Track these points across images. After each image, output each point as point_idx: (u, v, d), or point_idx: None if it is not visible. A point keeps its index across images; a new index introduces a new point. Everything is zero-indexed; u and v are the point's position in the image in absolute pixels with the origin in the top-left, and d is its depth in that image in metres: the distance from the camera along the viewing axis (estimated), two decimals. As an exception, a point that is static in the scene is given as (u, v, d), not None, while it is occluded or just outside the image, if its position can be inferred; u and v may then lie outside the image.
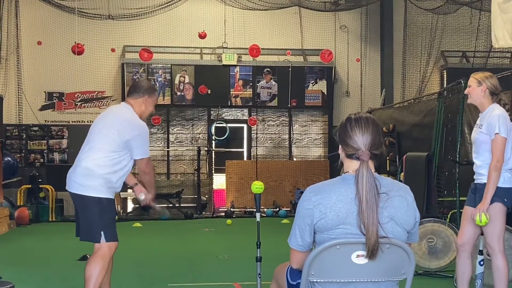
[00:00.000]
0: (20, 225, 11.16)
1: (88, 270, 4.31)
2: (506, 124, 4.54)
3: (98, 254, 4.36)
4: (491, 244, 4.56)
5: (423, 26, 14.60)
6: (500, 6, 7.01)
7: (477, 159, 4.75)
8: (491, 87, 4.66)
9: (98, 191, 4.43)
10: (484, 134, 4.66)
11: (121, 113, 4.62)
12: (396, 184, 2.68)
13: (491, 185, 4.46)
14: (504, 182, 4.54)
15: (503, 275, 4.52)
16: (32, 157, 14.33)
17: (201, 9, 14.61)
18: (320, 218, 2.53)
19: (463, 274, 4.73)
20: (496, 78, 4.76)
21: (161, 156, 14.85)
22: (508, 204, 4.58)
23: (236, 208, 13.63)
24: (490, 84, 4.66)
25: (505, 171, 4.56)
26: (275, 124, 15.21)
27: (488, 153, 4.58)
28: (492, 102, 4.67)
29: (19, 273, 6.70)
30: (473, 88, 4.73)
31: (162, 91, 14.48)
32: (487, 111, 4.66)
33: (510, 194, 4.57)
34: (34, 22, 14.15)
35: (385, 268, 2.55)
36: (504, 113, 4.60)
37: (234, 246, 9.02)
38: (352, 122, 2.64)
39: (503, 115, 4.57)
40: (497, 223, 4.50)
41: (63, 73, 14.06)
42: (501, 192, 4.49)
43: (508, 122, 4.58)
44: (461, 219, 4.89)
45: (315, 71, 14.93)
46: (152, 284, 6.26)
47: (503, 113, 4.58)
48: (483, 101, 4.71)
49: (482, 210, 4.44)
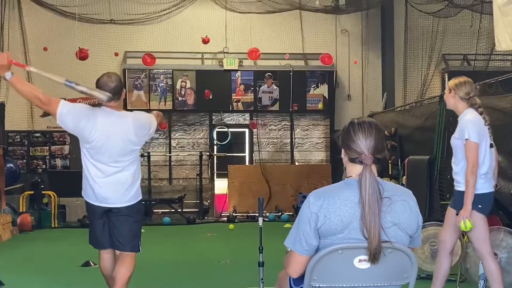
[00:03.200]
0: (22, 231, 11.16)
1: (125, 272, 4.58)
2: (477, 129, 4.59)
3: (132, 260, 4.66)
4: (478, 249, 4.69)
5: (424, 29, 14.60)
6: (501, 9, 7.02)
7: (454, 165, 4.82)
8: (461, 94, 4.74)
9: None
10: (456, 139, 4.74)
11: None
12: (399, 188, 2.68)
13: (470, 190, 4.52)
14: (477, 188, 4.59)
15: (496, 276, 4.61)
16: (34, 163, 14.34)
17: (202, 15, 14.62)
18: (324, 223, 2.53)
19: (440, 268, 4.88)
20: (471, 83, 4.84)
21: (163, 161, 14.85)
22: (483, 210, 4.63)
23: (238, 212, 13.62)
24: (460, 91, 4.75)
25: (479, 177, 4.61)
26: (277, 128, 15.21)
27: (464, 160, 4.64)
28: (467, 107, 4.73)
29: (21, 280, 6.70)
30: (446, 95, 4.88)
31: (163, 96, 14.50)
32: (460, 117, 4.75)
33: (484, 200, 4.63)
34: (38, 29, 14.17)
35: (388, 272, 2.54)
36: (475, 118, 4.65)
37: (237, 251, 9.01)
38: (355, 126, 2.64)
39: (473, 120, 4.62)
40: (477, 229, 4.60)
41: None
42: (475, 198, 4.54)
43: (479, 127, 4.62)
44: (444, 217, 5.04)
45: (317, 75, 14.94)
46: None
47: (473, 118, 4.63)
48: (457, 106, 4.80)
49: (466, 216, 4.53)
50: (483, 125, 4.65)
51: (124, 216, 4.58)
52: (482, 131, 4.63)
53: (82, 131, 4.47)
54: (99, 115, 4.48)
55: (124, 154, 4.53)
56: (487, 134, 4.68)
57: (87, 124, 4.44)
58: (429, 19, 14.32)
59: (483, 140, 4.63)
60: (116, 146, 4.48)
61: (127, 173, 4.56)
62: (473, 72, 12.91)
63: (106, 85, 4.45)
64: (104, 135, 4.45)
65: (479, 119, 4.66)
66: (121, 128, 4.50)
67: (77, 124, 4.46)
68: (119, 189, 4.54)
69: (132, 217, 4.62)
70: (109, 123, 4.48)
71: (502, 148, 7.94)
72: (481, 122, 4.66)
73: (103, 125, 4.46)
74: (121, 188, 4.55)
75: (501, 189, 7.49)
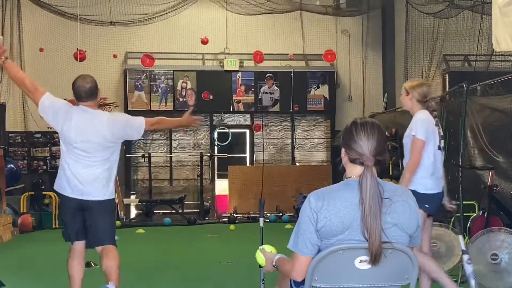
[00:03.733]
0: (23, 232, 11.16)
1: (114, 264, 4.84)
2: (426, 127, 4.67)
3: (116, 252, 4.92)
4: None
5: (424, 30, 14.59)
6: (501, 9, 7.00)
7: (404, 162, 4.87)
8: (417, 96, 4.81)
9: None
10: (406, 137, 4.83)
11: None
12: (399, 189, 2.67)
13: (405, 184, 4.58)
14: (426, 188, 4.65)
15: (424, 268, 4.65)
16: (35, 164, 14.34)
17: (202, 15, 14.62)
18: (324, 224, 2.52)
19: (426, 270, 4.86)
20: (428, 86, 4.97)
21: (164, 162, 14.85)
22: (429, 209, 4.72)
23: (239, 213, 13.61)
24: (417, 93, 4.82)
25: (427, 177, 4.66)
26: (278, 129, 15.21)
27: None
28: (422, 108, 4.80)
29: (22, 280, 6.71)
30: (403, 96, 4.94)
31: (164, 97, 14.50)
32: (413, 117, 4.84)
33: (432, 200, 4.68)
34: (36, 29, 14.18)
35: (388, 273, 2.54)
36: (426, 117, 4.73)
37: (237, 252, 9.00)
38: (357, 127, 2.62)
39: (423, 118, 4.70)
40: None
41: (66, 80, 14.00)
42: (422, 198, 4.52)
43: (429, 126, 4.69)
44: None
45: (317, 76, 14.94)
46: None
47: (424, 117, 4.72)
48: (413, 108, 4.86)
49: None
50: (433, 126, 4.73)
51: (99, 211, 4.84)
52: (431, 131, 4.70)
53: (60, 125, 4.86)
54: (75, 113, 4.86)
55: (98, 150, 4.83)
56: (436, 136, 4.75)
57: (65, 119, 4.83)
58: (429, 19, 14.31)
59: (431, 140, 4.70)
60: (90, 141, 4.80)
61: (101, 168, 4.84)
62: (474, 72, 12.90)
63: (82, 87, 4.85)
64: (79, 130, 4.80)
65: (430, 119, 4.75)
66: (95, 124, 4.82)
67: (56, 117, 4.88)
68: (93, 182, 4.80)
69: (107, 212, 4.93)
70: (84, 120, 4.82)
71: (502, 148, 7.95)
72: (432, 123, 4.74)
73: (79, 121, 4.82)
74: (95, 182, 4.81)
75: (502, 189, 7.49)
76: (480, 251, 5.59)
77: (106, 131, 4.83)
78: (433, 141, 4.72)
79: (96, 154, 4.83)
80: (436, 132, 4.75)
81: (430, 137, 4.69)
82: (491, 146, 8.03)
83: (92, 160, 4.81)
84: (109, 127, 4.84)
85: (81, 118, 4.83)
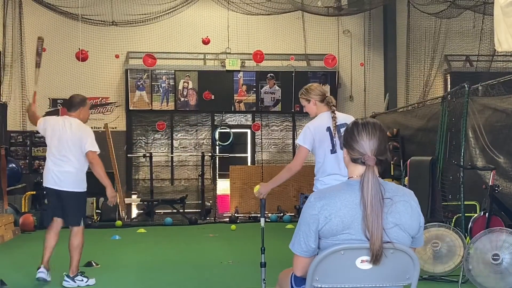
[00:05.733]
0: (24, 231, 11.17)
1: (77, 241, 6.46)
2: (311, 135, 4.75)
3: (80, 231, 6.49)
4: None
5: (426, 30, 14.59)
6: (503, 9, 7.00)
7: None
8: (316, 98, 4.90)
9: None
10: None
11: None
12: (401, 189, 2.67)
13: (277, 180, 4.88)
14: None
15: None
16: (36, 163, 14.34)
17: (204, 15, 14.63)
18: (325, 224, 2.52)
19: None
20: (317, 84, 5.11)
21: (165, 161, 14.86)
22: None
23: (240, 213, 13.62)
24: (315, 95, 4.90)
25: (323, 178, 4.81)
26: (279, 129, 15.22)
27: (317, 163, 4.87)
28: (327, 109, 4.87)
29: (24, 280, 6.71)
30: (306, 106, 4.99)
31: (166, 97, 14.51)
32: None
33: None
34: (38, 29, 14.19)
35: (390, 273, 2.54)
36: (315, 125, 4.79)
37: (239, 252, 9.00)
38: (359, 127, 2.63)
39: (310, 126, 4.81)
40: None
41: (67, 80, 14.08)
42: None
43: (316, 133, 4.74)
44: None
45: (319, 75, 14.94)
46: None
47: (312, 125, 4.81)
48: (320, 110, 4.91)
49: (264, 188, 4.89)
50: (323, 131, 4.75)
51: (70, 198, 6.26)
52: (321, 137, 4.74)
53: (45, 131, 6.48)
54: (56, 121, 6.47)
55: (68, 151, 6.23)
56: (328, 140, 4.75)
57: (48, 127, 6.43)
58: (431, 20, 14.31)
59: (322, 144, 4.74)
60: (62, 143, 6.24)
61: (71, 165, 6.22)
62: (475, 73, 12.90)
63: (74, 98, 6.48)
64: (55, 134, 6.31)
65: (320, 126, 4.77)
66: (66, 131, 6.26)
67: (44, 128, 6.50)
68: (65, 175, 6.20)
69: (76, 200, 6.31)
70: (60, 126, 6.32)
71: (504, 148, 7.94)
72: (322, 128, 4.76)
73: (56, 128, 6.34)
74: (67, 176, 6.20)
75: (503, 190, 7.48)
76: (481, 252, 5.58)
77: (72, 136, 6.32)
78: (324, 145, 4.77)
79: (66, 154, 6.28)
80: (328, 136, 4.77)
81: (321, 142, 4.77)
82: (492, 146, 8.02)
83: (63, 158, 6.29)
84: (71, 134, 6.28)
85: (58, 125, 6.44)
